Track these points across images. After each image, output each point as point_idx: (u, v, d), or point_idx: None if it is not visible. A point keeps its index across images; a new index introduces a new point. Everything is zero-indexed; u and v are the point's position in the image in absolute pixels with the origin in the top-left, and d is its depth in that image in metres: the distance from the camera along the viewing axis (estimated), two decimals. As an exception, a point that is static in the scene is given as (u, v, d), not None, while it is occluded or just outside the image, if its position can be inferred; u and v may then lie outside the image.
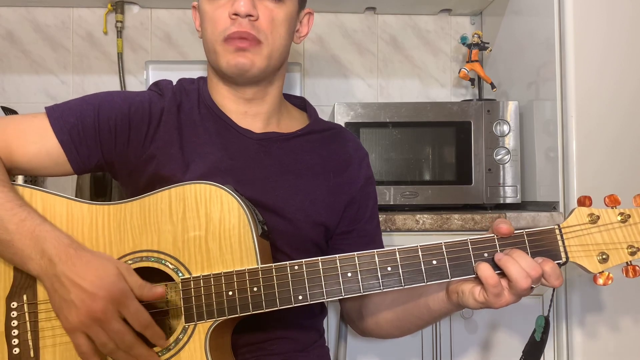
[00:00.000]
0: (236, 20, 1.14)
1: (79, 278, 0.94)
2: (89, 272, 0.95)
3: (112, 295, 0.94)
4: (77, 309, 0.94)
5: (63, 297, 0.95)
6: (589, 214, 0.99)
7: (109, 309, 0.94)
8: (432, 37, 2.34)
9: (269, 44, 1.17)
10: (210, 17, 1.17)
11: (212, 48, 1.18)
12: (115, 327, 0.95)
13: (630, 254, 0.97)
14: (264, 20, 1.16)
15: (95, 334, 0.95)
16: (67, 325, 0.96)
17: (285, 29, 1.19)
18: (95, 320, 0.94)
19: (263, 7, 1.16)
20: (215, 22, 1.16)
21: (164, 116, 1.19)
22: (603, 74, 1.63)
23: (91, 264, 0.96)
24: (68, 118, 1.15)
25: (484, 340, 1.63)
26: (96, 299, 0.93)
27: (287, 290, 1.00)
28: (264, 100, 1.24)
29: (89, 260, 0.97)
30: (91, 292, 0.94)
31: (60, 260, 0.96)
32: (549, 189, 1.72)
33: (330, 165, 1.25)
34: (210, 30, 1.18)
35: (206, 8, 1.18)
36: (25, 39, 2.22)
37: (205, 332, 1.01)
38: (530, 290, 0.97)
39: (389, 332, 1.22)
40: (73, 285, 0.94)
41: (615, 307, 1.60)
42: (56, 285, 0.96)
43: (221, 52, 1.16)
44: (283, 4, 1.18)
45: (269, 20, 1.16)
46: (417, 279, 0.99)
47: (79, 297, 0.94)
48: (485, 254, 0.99)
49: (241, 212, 1.03)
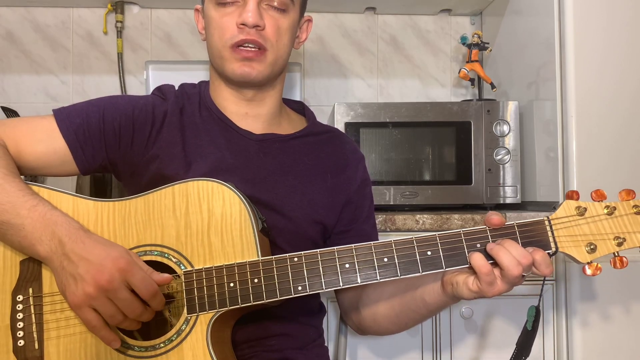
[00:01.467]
0: (244, 29, 1.18)
1: (87, 253, 0.97)
2: (97, 247, 0.98)
3: (118, 265, 0.95)
4: (84, 281, 0.95)
5: (71, 272, 0.96)
6: (577, 207, 1.03)
7: (116, 277, 0.95)
8: (432, 37, 2.35)
9: (274, 51, 1.21)
10: (217, 24, 1.21)
11: (218, 54, 1.22)
12: (123, 295, 0.96)
13: (617, 244, 1.01)
14: (270, 30, 1.20)
15: (103, 306, 0.96)
16: (74, 300, 0.96)
17: (288, 37, 1.24)
18: (102, 291, 0.95)
19: (269, 17, 1.20)
20: (223, 30, 1.20)
21: (167, 118, 1.22)
22: (603, 74, 1.63)
23: (100, 242, 0.99)
24: (74, 119, 1.18)
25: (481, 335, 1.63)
26: (103, 270, 0.95)
27: (287, 281, 1.02)
28: (264, 102, 1.27)
29: (97, 239, 1.00)
30: (98, 263, 0.95)
31: (70, 240, 0.98)
32: (549, 189, 1.73)
33: (328, 167, 1.28)
34: (217, 36, 1.21)
35: (213, 15, 1.22)
36: (25, 39, 2.22)
37: (207, 323, 1.02)
38: (522, 278, 1.00)
39: (387, 327, 1.23)
40: (81, 260, 0.96)
41: (613, 297, 1.60)
42: (65, 263, 0.97)
43: (228, 59, 1.20)
44: (287, 14, 1.22)
45: (274, 29, 1.20)
46: (413, 269, 1.02)
47: (85, 269, 0.95)
48: (477, 245, 1.02)
49: (242, 208, 1.05)
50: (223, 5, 1.20)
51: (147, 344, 1.02)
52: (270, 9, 1.20)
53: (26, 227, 1.00)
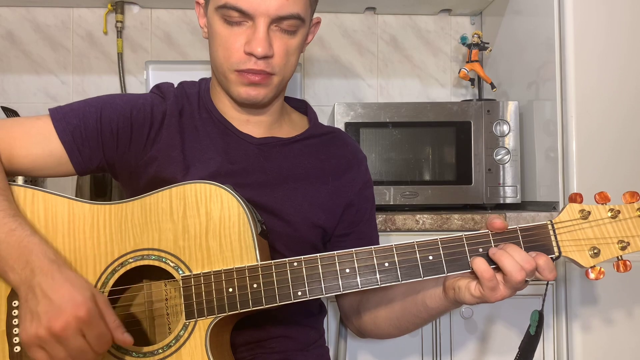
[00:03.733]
0: (251, 58, 1.12)
1: (52, 291, 0.92)
2: (63, 287, 0.93)
3: (77, 313, 0.91)
4: (39, 321, 0.91)
5: (31, 307, 0.93)
6: (580, 210, 1.01)
7: (71, 326, 0.91)
8: (432, 37, 2.34)
9: (281, 74, 1.16)
10: (223, 42, 1.14)
11: (222, 73, 1.16)
12: (74, 344, 0.92)
13: (620, 248, 1.00)
14: (278, 56, 1.14)
15: (52, 349, 0.92)
16: (25, 338, 0.93)
17: (296, 57, 1.19)
18: (53, 336, 0.91)
19: (277, 40, 1.13)
20: (229, 51, 1.13)
21: (166, 119, 1.20)
22: (603, 74, 1.63)
23: (70, 281, 0.94)
24: (71, 119, 1.15)
25: (482, 339, 1.63)
26: (60, 314, 0.91)
27: (287, 287, 1.01)
28: (266, 110, 1.24)
29: (68, 277, 0.95)
30: (57, 306, 0.91)
31: (40, 272, 0.94)
32: (549, 189, 1.72)
33: (329, 169, 1.26)
34: (222, 55, 1.15)
35: (219, 30, 1.14)
36: (25, 39, 2.22)
37: (206, 328, 1.01)
38: (525, 283, 0.99)
39: (387, 331, 1.23)
40: (44, 297, 0.92)
41: (614, 301, 1.60)
42: (29, 296, 0.94)
43: (233, 81, 1.15)
44: (296, 35, 1.16)
45: (283, 53, 1.14)
46: (414, 274, 1.01)
47: (44, 309, 0.92)
48: (480, 249, 1.01)
49: (241, 211, 1.04)
50: (230, 24, 1.13)
51: (146, 350, 1.01)
52: (279, 30, 1.13)
53: (1, 253, 0.96)
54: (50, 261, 0.96)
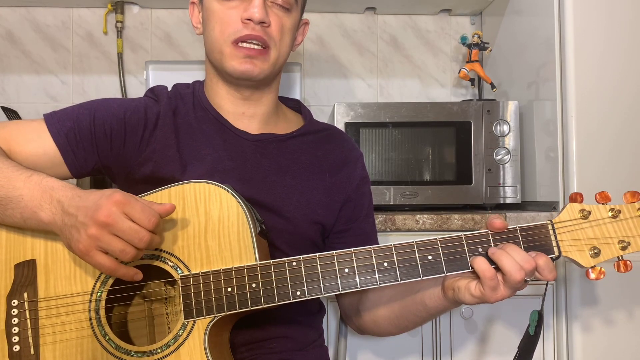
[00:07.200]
0: (249, 24, 1.16)
1: (83, 202, 0.96)
2: (91, 194, 0.97)
3: (114, 199, 0.94)
4: (85, 225, 0.94)
5: (72, 224, 0.96)
6: (581, 210, 1.01)
7: (113, 211, 0.93)
8: (432, 37, 2.34)
9: (277, 50, 1.20)
10: (219, 17, 1.18)
11: (218, 48, 1.19)
12: (125, 226, 0.94)
13: (621, 248, 1.00)
14: (274, 27, 1.18)
15: (109, 243, 0.94)
16: (80, 247, 0.95)
17: (290, 37, 1.23)
18: (103, 227, 0.93)
19: (274, 15, 1.18)
20: (226, 23, 1.17)
21: (160, 120, 1.21)
22: (603, 74, 1.63)
23: (94, 190, 0.98)
24: (65, 122, 1.17)
25: (482, 339, 1.63)
26: (99, 208, 0.94)
27: (286, 286, 1.01)
28: (261, 101, 1.26)
29: (93, 190, 0.99)
30: (93, 204, 0.95)
31: (67, 198, 0.98)
32: (549, 189, 1.72)
33: (326, 165, 1.27)
34: (218, 30, 1.18)
35: (215, 7, 1.19)
36: (25, 39, 2.22)
37: (205, 328, 1.01)
38: (525, 283, 0.98)
39: (387, 329, 1.23)
40: (79, 210, 0.96)
41: (614, 302, 1.60)
42: (65, 219, 0.97)
43: (228, 55, 1.18)
44: (290, 13, 1.21)
45: (279, 27, 1.19)
46: (413, 274, 1.01)
47: (84, 214, 0.95)
48: (479, 249, 1.01)
49: (240, 210, 1.04)
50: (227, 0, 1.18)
51: (144, 349, 1.01)
52: (274, 6, 1.19)
53: (25, 197, 1.00)
54: (71, 189, 1.00)
